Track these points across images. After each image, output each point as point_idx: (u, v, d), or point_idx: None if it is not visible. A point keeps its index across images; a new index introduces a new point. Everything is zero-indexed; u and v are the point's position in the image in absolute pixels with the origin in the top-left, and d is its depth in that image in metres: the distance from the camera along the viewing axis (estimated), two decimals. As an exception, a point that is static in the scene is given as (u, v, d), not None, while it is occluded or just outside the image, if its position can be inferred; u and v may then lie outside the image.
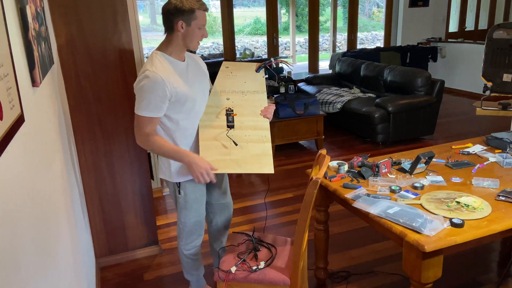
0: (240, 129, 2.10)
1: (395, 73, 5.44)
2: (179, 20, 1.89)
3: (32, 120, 1.42)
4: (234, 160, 2.02)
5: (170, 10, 1.89)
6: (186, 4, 1.86)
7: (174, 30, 1.93)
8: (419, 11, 8.01)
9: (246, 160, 2.03)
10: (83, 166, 2.59)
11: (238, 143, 2.05)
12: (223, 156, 2.02)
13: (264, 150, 2.06)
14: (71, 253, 1.83)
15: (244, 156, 2.04)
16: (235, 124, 2.10)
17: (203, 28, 1.94)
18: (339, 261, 2.75)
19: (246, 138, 2.08)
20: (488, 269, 2.63)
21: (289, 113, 4.71)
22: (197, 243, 2.26)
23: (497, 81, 2.62)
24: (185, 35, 1.93)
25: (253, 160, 2.03)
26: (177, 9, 1.87)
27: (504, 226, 1.73)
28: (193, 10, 1.87)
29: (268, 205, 3.62)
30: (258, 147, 2.07)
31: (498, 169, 2.29)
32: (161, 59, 1.94)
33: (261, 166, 2.03)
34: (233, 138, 2.06)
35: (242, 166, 2.02)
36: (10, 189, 1.05)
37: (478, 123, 5.76)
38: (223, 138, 2.06)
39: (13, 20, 1.32)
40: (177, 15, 1.88)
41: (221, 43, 7.51)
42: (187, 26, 1.90)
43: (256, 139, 2.08)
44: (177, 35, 1.93)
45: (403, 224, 1.73)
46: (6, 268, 0.94)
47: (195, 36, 1.94)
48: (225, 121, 2.09)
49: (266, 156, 2.05)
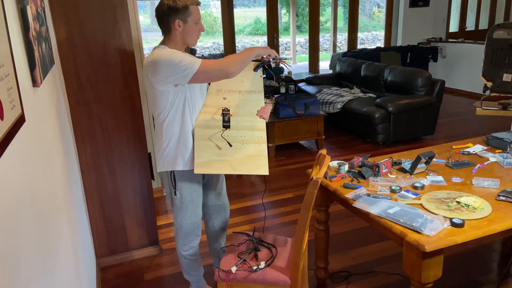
0: (236, 130, 2.08)
1: (395, 73, 5.44)
2: (175, 19, 1.89)
3: (33, 120, 1.42)
4: (229, 161, 2.02)
5: (164, 11, 1.89)
6: (179, 2, 1.86)
7: (172, 30, 1.93)
8: (420, 11, 8.01)
9: (241, 161, 2.03)
10: (84, 166, 2.59)
11: (234, 144, 2.04)
12: (218, 157, 2.02)
13: (259, 151, 2.06)
14: (71, 253, 1.84)
15: (239, 157, 2.03)
16: (231, 124, 2.08)
17: (199, 23, 1.95)
18: (340, 261, 2.75)
19: (241, 138, 2.07)
20: (488, 269, 2.63)
21: (290, 113, 4.71)
22: (194, 244, 2.26)
23: (497, 81, 2.63)
24: (183, 33, 1.93)
25: (248, 161, 2.03)
26: (171, 8, 1.87)
27: (504, 226, 1.73)
28: (187, 7, 1.88)
29: (269, 205, 3.62)
30: (254, 148, 2.06)
31: (499, 169, 2.29)
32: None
33: (256, 167, 2.03)
34: (229, 139, 2.05)
35: (237, 167, 2.02)
36: (10, 189, 1.05)
37: (479, 123, 5.76)
38: (217, 138, 2.05)
39: (13, 20, 1.32)
40: (172, 15, 1.88)
41: (221, 43, 7.51)
42: (184, 23, 1.90)
43: (252, 140, 2.07)
44: (175, 34, 1.93)
45: (403, 224, 1.73)
46: (7, 268, 0.94)
47: (193, 32, 1.94)
48: (221, 121, 2.08)
49: (261, 157, 2.05)
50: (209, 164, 2.01)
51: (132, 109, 2.60)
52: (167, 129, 2.02)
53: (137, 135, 2.65)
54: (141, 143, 2.68)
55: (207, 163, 2.00)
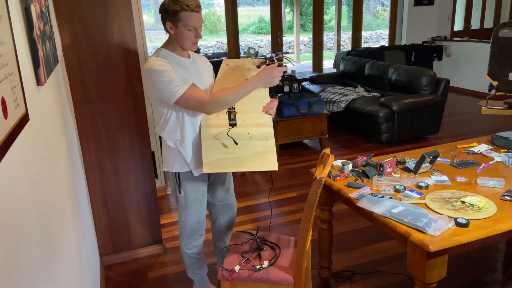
0: (242, 127, 2.08)
1: (399, 72, 5.42)
2: (166, 21, 1.88)
3: (37, 119, 1.42)
4: (238, 159, 2.02)
5: (160, 10, 1.89)
6: (171, 6, 1.82)
7: (167, 30, 1.92)
8: (424, 9, 7.98)
9: (250, 158, 2.02)
10: (88, 165, 2.60)
11: (240, 141, 2.04)
12: (226, 155, 2.02)
13: (267, 147, 2.06)
14: (75, 251, 1.84)
15: (248, 154, 2.03)
16: (237, 122, 2.08)
17: (194, 30, 1.88)
18: (343, 261, 2.75)
19: (248, 135, 2.06)
20: (493, 269, 2.61)
21: (293, 112, 4.70)
22: (198, 243, 2.27)
23: (502, 80, 2.61)
24: (176, 36, 1.90)
25: (257, 158, 2.03)
26: (163, 9, 1.86)
27: (509, 226, 1.72)
28: (176, 12, 1.81)
29: (272, 204, 3.62)
30: (261, 144, 2.06)
31: (504, 168, 2.27)
32: (164, 54, 1.95)
33: (265, 163, 2.02)
34: (235, 137, 2.04)
35: (245, 164, 2.02)
36: (14, 188, 1.05)
37: (484, 122, 5.73)
38: (223, 137, 2.04)
39: (18, 19, 1.32)
40: (164, 16, 1.87)
41: (225, 42, 7.51)
42: (175, 27, 1.87)
43: (259, 137, 2.07)
44: (171, 35, 1.93)
45: (408, 224, 1.72)
46: (12, 266, 0.95)
47: (185, 38, 1.88)
48: (227, 120, 2.08)
49: (269, 153, 2.04)
50: (218, 163, 2.01)
51: (136, 108, 2.60)
52: (169, 132, 2.03)
53: (140, 134, 2.65)
54: (145, 142, 2.68)
55: (216, 162, 2.01)
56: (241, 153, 2.03)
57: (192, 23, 1.85)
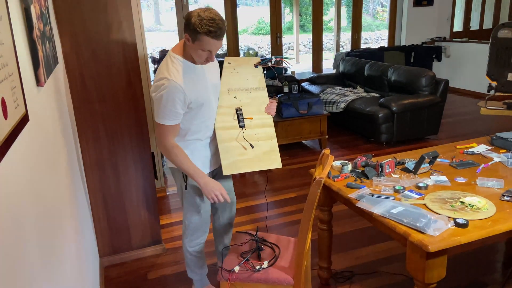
0: (250, 128, 2.17)
1: (399, 72, 5.42)
2: (186, 32, 1.87)
3: (37, 120, 1.43)
4: (250, 160, 2.12)
5: (185, 18, 1.87)
6: (195, 23, 1.79)
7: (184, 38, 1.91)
8: (424, 10, 7.98)
9: (259, 158, 2.13)
10: (87, 165, 2.60)
11: (252, 143, 2.14)
12: (240, 156, 2.11)
13: (272, 147, 2.17)
14: (75, 252, 1.84)
15: (257, 154, 2.14)
16: (245, 124, 2.17)
17: (207, 52, 1.87)
18: (343, 261, 2.75)
19: (256, 136, 2.16)
20: (493, 269, 2.61)
21: (293, 112, 4.71)
22: (201, 240, 2.28)
23: (501, 80, 2.61)
24: (190, 49, 1.90)
25: (265, 157, 2.14)
26: (187, 21, 1.84)
27: (509, 226, 1.72)
28: (196, 32, 1.80)
29: (271, 204, 3.62)
30: (267, 144, 2.17)
31: (503, 169, 2.28)
32: (176, 65, 1.93)
33: (271, 162, 2.14)
34: (247, 138, 2.14)
35: (256, 164, 2.12)
36: (14, 188, 1.05)
37: (483, 122, 5.73)
38: (241, 139, 2.13)
39: (17, 20, 1.32)
40: (186, 27, 1.86)
41: (224, 42, 7.51)
42: (192, 42, 1.86)
43: (264, 137, 2.17)
44: (187, 44, 1.92)
45: (407, 224, 1.73)
46: (11, 266, 0.95)
47: (198, 55, 1.89)
48: (237, 121, 2.15)
49: (274, 152, 2.16)
50: (235, 164, 2.10)
51: (136, 109, 2.60)
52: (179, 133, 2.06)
53: (140, 135, 2.65)
54: (145, 143, 2.68)
55: (233, 163, 2.10)
56: (252, 153, 2.13)
57: (208, 47, 1.85)
